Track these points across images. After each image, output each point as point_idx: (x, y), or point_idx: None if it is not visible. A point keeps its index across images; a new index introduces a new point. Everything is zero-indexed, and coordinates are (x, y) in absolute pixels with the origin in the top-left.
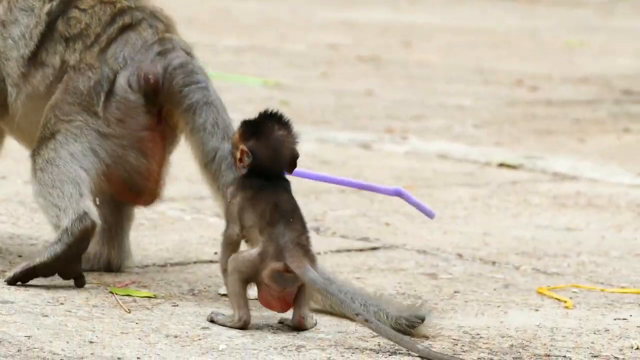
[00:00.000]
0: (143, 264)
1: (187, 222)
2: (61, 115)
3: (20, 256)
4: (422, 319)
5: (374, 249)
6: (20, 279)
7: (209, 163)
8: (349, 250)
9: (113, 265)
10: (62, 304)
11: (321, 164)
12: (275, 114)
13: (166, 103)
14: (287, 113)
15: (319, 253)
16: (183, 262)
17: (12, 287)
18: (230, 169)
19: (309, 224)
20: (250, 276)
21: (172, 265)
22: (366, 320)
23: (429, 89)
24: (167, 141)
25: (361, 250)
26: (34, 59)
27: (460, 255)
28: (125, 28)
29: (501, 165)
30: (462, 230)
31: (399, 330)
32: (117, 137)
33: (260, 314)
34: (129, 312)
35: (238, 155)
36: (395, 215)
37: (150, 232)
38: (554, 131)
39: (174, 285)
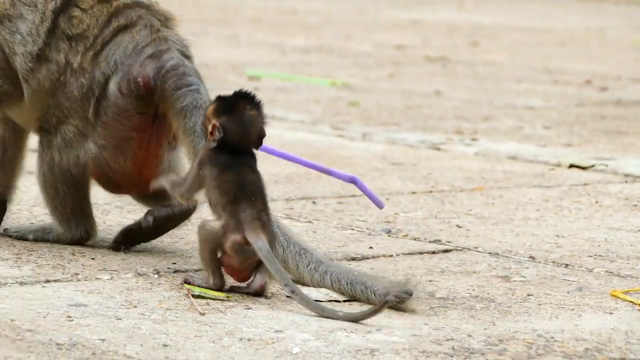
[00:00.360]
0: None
1: None
2: (60, 116)
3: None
4: (410, 294)
5: (446, 251)
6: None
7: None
8: (421, 253)
9: None
10: (135, 306)
11: (392, 165)
12: (249, 94)
13: (160, 104)
14: (355, 114)
15: (390, 255)
16: None
17: (86, 290)
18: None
19: (381, 226)
20: (215, 246)
21: None
22: (293, 292)
23: (497, 89)
24: (163, 139)
25: (433, 252)
26: (40, 55)
27: (532, 258)
28: (120, 30)
29: (572, 166)
30: (534, 232)
31: (390, 307)
32: (106, 141)
33: (330, 324)
34: (203, 315)
35: (210, 129)
36: (467, 217)
37: None
38: (624, 132)
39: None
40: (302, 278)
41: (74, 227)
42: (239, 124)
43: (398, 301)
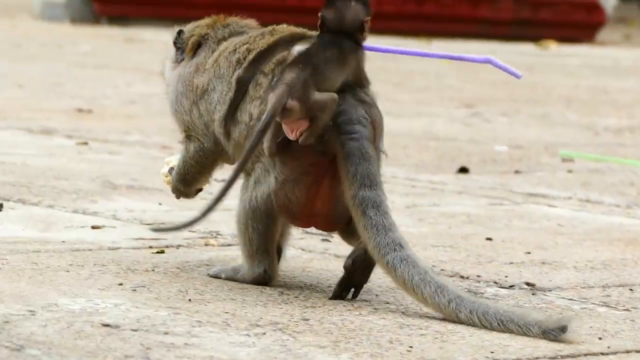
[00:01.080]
0: (534, 356)
1: (576, 312)
2: (254, 159)
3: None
4: (564, 330)
5: None
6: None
7: (352, 207)
8: None
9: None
10: None
11: None
12: None
13: (331, 145)
14: None
15: None
16: (574, 354)
17: None
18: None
19: None
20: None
21: (562, 357)
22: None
23: None
24: (336, 176)
25: None
26: (231, 119)
27: None
28: None
29: None
30: None
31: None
32: (285, 175)
33: None
34: None
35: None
36: None
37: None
38: None
39: None
40: (448, 316)
41: (256, 265)
42: (336, 11)
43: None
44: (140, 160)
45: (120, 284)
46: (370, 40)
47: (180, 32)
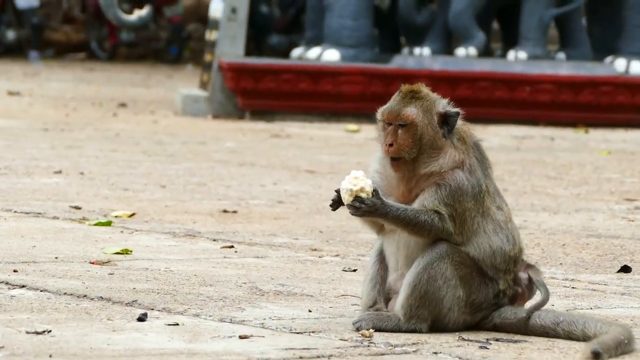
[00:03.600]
0: None
1: None
2: None
3: None
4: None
5: None
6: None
7: None
8: None
9: None
10: None
11: None
12: None
13: None
14: None
15: None
16: None
17: None
18: None
19: None
20: None
21: None
22: None
23: None
24: None
25: None
26: None
27: None
28: None
29: None
30: None
31: None
32: None
33: None
34: None
35: None
36: None
37: None
38: None
39: None
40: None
41: None
42: None
43: None
44: (289, 265)
45: None
46: (525, 129)
47: None
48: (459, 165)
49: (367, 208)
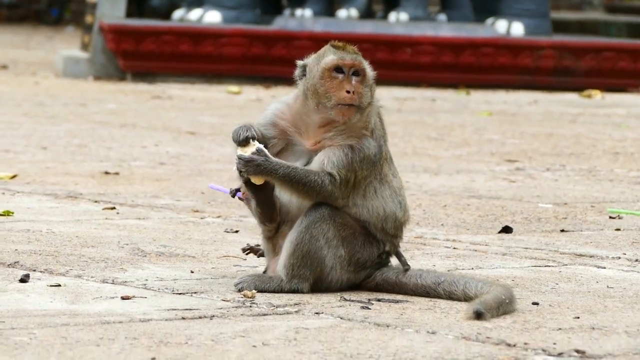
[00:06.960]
0: None
1: None
2: None
3: None
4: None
5: None
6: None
7: None
8: None
9: None
10: None
11: None
12: None
13: None
14: None
15: None
16: None
17: None
18: None
19: None
20: None
21: None
22: None
23: None
24: None
25: None
26: None
27: None
28: None
29: None
30: None
31: None
32: None
33: None
34: None
35: None
36: None
37: None
38: None
39: None
40: None
41: None
42: None
43: None
44: (171, 226)
45: (153, 359)
46: (407, 91)
47: None
48: (372, 130)
49: (253, 165)
